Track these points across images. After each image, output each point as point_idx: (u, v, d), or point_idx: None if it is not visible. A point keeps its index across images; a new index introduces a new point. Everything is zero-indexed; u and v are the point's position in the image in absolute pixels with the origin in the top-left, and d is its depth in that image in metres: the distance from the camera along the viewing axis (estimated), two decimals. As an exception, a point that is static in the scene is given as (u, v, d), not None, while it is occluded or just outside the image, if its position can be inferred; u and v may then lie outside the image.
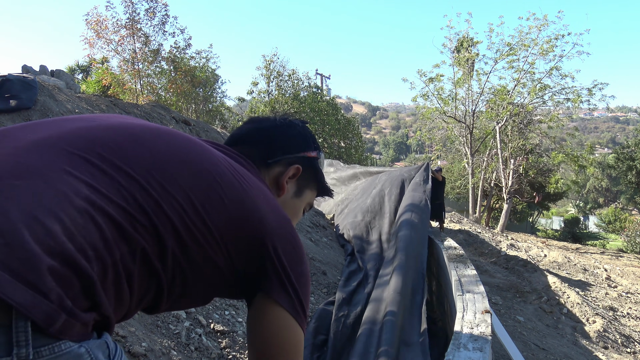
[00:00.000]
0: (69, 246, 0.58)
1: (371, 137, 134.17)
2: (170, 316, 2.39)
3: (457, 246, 4.61)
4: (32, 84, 4.98)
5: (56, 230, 0.58)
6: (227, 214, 0.76)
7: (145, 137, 0.77)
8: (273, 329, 0.80)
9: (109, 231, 0.63)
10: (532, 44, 15.97)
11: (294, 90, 21.04)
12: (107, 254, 0.63)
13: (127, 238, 0.66)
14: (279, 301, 0.79)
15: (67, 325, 0.57)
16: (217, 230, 0.75)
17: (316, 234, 5.99)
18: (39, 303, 0.54)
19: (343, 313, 3.40)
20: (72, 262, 0.58)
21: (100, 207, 0.64)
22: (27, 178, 0.62)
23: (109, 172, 0.69)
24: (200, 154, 0.80)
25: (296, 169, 1.01)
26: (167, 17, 10.85)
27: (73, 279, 0.58)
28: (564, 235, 23.97)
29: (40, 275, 0.54)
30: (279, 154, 1.01)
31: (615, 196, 43.58)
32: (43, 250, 0.55)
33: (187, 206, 0.72)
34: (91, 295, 0.61)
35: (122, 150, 0.72)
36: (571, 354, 4.17)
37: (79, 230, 0.60)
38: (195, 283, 0.76)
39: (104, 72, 10.02)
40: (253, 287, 0.81)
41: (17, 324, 0.54)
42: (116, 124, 0.79)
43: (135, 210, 0.68)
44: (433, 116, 18.38)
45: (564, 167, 19.37)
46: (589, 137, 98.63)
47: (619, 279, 9.23)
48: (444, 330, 3.50)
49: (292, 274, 0.81)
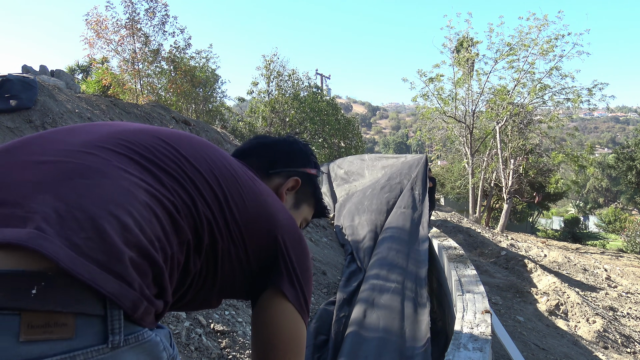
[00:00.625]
0: (142, 238, 0.62)
1: (371, 137, 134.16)
2: (171, 316, 2.39)
3: (457, 246, 4.61)
4: (32, 84, 4.98)
5: (130, 223, 0.61)
6: (246, 211, 0.80)
7: (171, 138, 0.81)
8: (281, 321, 0.82)
9: (167, 224, 0.68)
10: (532, 44, 15.96)
11: (294, 90, 21.02)
12: (168, 245, 0.67)
13: (179, 230, 0.70)
14: (287, 294, 0.82)
15: (146, 312, 0.62)
16: (239, 225, 0.79)
17: (316, 234, 5.99)
18: (126, 292, 0.58)
19: (344, 313, 3.40)
20: (146, 252, 0.62)
21: (158, 200, 0.68)
22: (91, 177, 0.65)
23: (152, 169, 0.73)
24: (218, 153, 0.85)
25: (295, 181, 1.06)
26: (167, 17, 10.85)
27: (147, 268, 0.62)
28: (564, 235, 23.98)
29: (125, 266, 0.58)
30: (280, 166, 1.06)
31: (615, 196, 43.58)
32: (123, 243, 0.59)
33: (215, 203, 0.76)
34: (159, 282, 0.65)
35: (155, 150, 0.77)
36: (571, 354, 4.17)
37: (146, 222, 0.64)
38: (215, 279, 0.79)
39: (104, 72, 10.01)
40: (262, 283, 0.84)
41: (112, 313, 0.57)
42: (140, 128, 0.83)
43: (180, 205, 0.72)
44: (433, 116, 18.37)
45: (564, 167, 19.37)
46: (589, 137, 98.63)
47: (619, 279, 9.23)
48: (444, 330, 3.49)
49: (299, 269, 0.85)
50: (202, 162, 0.80)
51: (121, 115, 7.05)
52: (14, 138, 4.09)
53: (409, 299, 3.41)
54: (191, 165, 0.78)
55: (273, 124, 20.66)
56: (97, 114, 6.20)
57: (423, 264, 4.24)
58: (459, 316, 2.61)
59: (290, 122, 20.69)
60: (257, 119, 20.74)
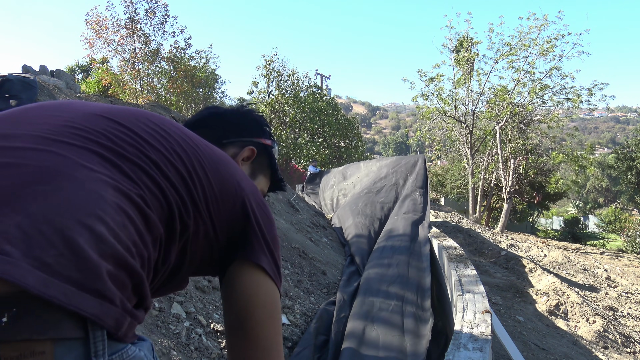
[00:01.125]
0: (119, 247, 0.57)
1: (371, 137, 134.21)
2: (170, 316, 2.39)
3: (457, 246, 4.60)
4: (32, 84, 4.98)
5: (104, 232, 0.56)
6: (210, 184, 0.76)
7: (124, 118, 0.75)
8: (255, 289, 0.78)
9: (140, 224, 0.63)
10: (532, 44, 15.96)
11: (294, 90, 21.04)
12: (144, 248, 0.62)
13: (151, 227, 0.65)
14: (259, 263, 0.78)
15: (129, 327, 0.58)
16: (206, 200, 0.75)
17: (316, 234, 5.99)
18: (108, 310, 0.53)
19: (344, 314, 3.39)
20: (124, 262, 0.57)
21: (128, 197, 0.63)
22: (52, 181, 0.58)
23: (114, 160, 0.66)
24: (173, 126, 0.80)
25: (251, 151, 1.03)
26: (167, 17, 10.86)
27: (126, 279, 0.58)
28: (564, 235, 23.97)
29: (104, 282, 0.53)
30: (234, 135, 1.04)
31: (615, 196, 43.56)
32: (99, 255, 0.54)
33: (182, 183, 0.72)
34: (139, 291, 0.61)
35: (113, 136, 0.70)
36: (571, 354, 4.17)
37: (120, 228, 0.59)
38: (184, 262, 0.75)
39: (104, 72, 10.02)
40: (230, 255, 0.80)
41: (94, 334, 0.53)
42: (89, 111, 0.75)
43: (150, 198, 0.66)
44: (433, 116, 18.37)
45: (564, 167, 19.37)
46: (589, 137, 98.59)
47: (619, 279, 9.23)
48: (444, 330, 3.49)
49: (268, 235, 0.81)
50: (161, 139, 0.74)
51: (121, 115, 7.05)
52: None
53: (409, 315, 3.25)
54: (150, 145, 0.72)
55: (273, 124, 20.65)
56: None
57: (426, 272, 4.11)
58: (459, 316, 2.61)
59: (290, 122, 20.70)
60: (257, 119, 20.74)
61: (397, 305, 3.38)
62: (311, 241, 5.43)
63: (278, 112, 20.66)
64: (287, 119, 20.82)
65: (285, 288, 3.63)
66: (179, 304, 2.50)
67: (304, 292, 3.86)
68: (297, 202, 7.07)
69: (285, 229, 5.10)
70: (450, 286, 3.56)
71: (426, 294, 3.62)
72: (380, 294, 3.61)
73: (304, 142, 21.01)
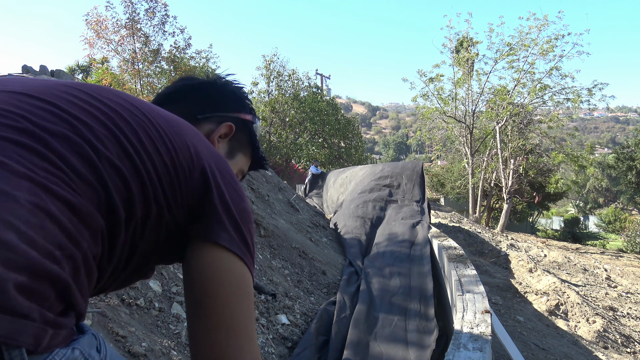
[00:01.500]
0: (34, 254, 0.48)
1: (371, 137, 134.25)
2: (170, 316, 2.39)
3: (457, 246, 4.60)
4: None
5: (12, 239, 0.47)
6: (160, 155, 0.66)
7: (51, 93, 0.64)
8: (212, 269, 0.67)
9: (68, 220, 0.53)
10: (532, 44, 15.97)
11: (294, 90, 21.05)
12: (75, 248, 0.54)
13: (87, 221, 0.56)
14: (217, 241, 0.67)
15: (54, 337, 0.51)
16: (158, 175, 0.65)
17: (316, 234, 5.99)
18: (23, 327, 0.46)
19: (344, 314, 3.39)
20: (42, 271, 0.49)
21: (48, 190, 0.53)
22: None
23: (30, 145, 0.55)
24: (116, 94, 0.70)
25: (228, 127, 0.92)
26: (167, 17, 10.87)
27: (47, 288, 0.49)
28: (564, 235, 23.97)
29: (13, 297, 0.46)
30: (210, 110, 0.93)
31: (615, 196, 43.56)
32: (6, 267, 0.46)
33: (126, 161, 0.62)
34: (66, 297, 0.53)
35: (32, 114, 0.59)
36: (571, 354, 4.17)
37: (36, 232, 0.50)
38: (135, 252, 0.66)
39: (104, 72, 10.03)
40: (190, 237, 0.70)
41: (10, 355, 0.46)
42: (9, 87, 0.64)
43: (80, 185, 0.56)
44: (433, 116, 18.38)
45: (564, 167, 19.37)
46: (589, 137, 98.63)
47: (619, 279, 9.23)
48: (444, 330, 3.49)
49: (234, 208, 0.70)
50: (95, 111, 0.64)
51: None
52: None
53: (413, 329, 3.21)
54: (80, 121, 0.61)
55: (273, 124, 20.67)
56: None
57: (427, 277, 4.08)
58: (459, 316, 2.61)
59: (290, 122, 20.71)
60: (257, 119, 20.77)
61: (400, 320, 3.34)
62: (311, 241, 5.43)
63: (278, 112, 20.67)
64: (287, 119, 20.83)
65: (285, 288, 3.63)
66: (179, 304, 2.50)
67: (304, 292, 3.87)
68: (297, 202, 7.07)
69: (285, 229, 5.11)
70: (450, 286, 3.56)
71: (429, 302, 3.59)
72: (383, 307, 3.56)
73: (304, 142, 21.02)
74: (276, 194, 6.58)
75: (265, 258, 4.05)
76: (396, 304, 3.62)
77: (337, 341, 3.03)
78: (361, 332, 3.13)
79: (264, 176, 6.73)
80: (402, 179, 7.07)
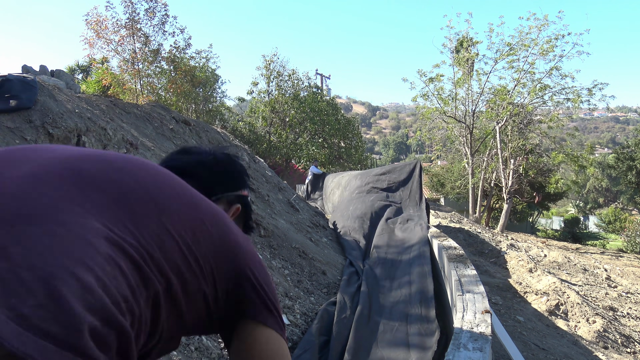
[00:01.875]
0: (107, 300, 0.50)
1: (371, 137, 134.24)
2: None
3: (457, 246, 4.60)
4: (32, 84, 4.98)
5: (91, 282, 0.49)
6: (212, 241, 0.73)
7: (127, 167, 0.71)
8: (268, 349, 0.79)
9: (132, 277, 0.57)
10: (532, 44, 15.96)
11: (294, 90, 21.04)
12: (135, 304, 0.56)
13: (147, 283, 0.60)
14: (267, 323, 0.79)
15: None
16: (206, 258, 0.72)
17: (316, 234, 5.99)
18: None
19: (345, 315, 3.39)
20: (112, 318, 0.50)
21: (121, 249, 0.57)
22: (39, 222, 0.53)
23: (111, 206, 0.61)
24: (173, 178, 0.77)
25: (237, 210, 1.03)
26: (167, 17, 10.85)
27: (113, 338, 0.51)
28: (564, 235, 23.97)
29: (85, 339, 0.46)
30: (221, 190, 1.01)
31: (615, 196, 43.56)
32: (84, 308, 0.47)
33: (182, 238, 0.68)
34: (124, 353, 0.53)
35: (111, 181, 0.65)
36: (571, 354, 4.17)
37: (110, 280, 0.52)
38: (180, 324, 0.72)
39: (104, 72, 10.02)
40: (233, 316, 0.80)
41: None
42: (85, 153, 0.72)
43: (147, 251, 0.61)
44: (433, 116, 18.37)
45: (564, 167, 19.37)
46: (589, 137, 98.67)
47: (619, 279, 9.23)
48: (444, 330, 3.49)
49: (270, 293, 0.82)
50: (163, 191, 0.71)
51: (121, 115, 7.05)
52: (14, 138, 4.09)
53: (414, 333, 3.20)
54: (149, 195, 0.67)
55: (273, 124, 20.66)
56: (97, 114, 6.20)
57: (428, 277, 4.07)
58: (459, 316, 2.61)
59: (290, 122, 20.70)
60: (257, 119, 20.76)
61: (401, 323, 3.34)
62: (311, 241, 5.43)
63: (278, 112, 20.66)
64: (287, 119, 20.82)
65: (286, 288, 3.63)
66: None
67: (304, 292, 3.86)
68: (297, 202, 7.07)
69: (285, 229, 5.10)
70: (450, 286, 3.56)
71: (430, 303, 3.60)
72: (384, 309, 3.56)
73: (304, 142, 21.01)
74: (276, 194, 6.58)
75: (265, 258, 4.04)
76: (397, 306, 3.62)
77: (338, 342, 3.03)
78: (362, 336, 3.13)
79: (264, 176, 6.73)
80: (400, 179, 7.07)
